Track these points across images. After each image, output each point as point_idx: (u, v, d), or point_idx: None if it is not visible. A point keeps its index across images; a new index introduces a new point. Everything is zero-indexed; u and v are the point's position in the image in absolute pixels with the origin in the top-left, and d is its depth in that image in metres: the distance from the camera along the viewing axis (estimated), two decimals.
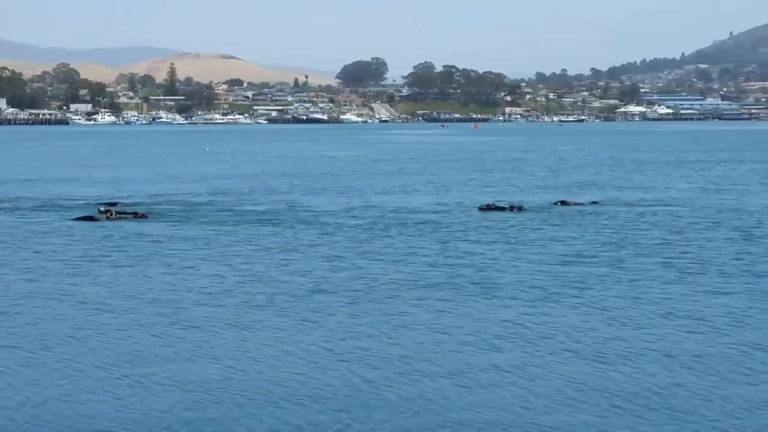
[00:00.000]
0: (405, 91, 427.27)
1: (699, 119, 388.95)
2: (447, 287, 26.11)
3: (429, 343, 20.25)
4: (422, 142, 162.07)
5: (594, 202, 49.00)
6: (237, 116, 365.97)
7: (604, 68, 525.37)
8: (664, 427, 15.24)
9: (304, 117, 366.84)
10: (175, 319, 22.65)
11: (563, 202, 48.07)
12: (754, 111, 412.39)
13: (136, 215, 43.39)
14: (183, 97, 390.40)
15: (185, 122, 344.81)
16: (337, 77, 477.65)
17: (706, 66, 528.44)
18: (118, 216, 43.02)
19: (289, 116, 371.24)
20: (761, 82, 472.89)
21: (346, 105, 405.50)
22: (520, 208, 44.85)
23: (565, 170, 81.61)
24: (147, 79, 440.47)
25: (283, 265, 30.20)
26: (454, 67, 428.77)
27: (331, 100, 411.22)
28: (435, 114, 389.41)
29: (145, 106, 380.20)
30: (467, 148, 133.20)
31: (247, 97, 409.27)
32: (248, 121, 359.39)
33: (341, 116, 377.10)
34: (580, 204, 47.94)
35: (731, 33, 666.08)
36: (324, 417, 15.66)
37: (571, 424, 15.31)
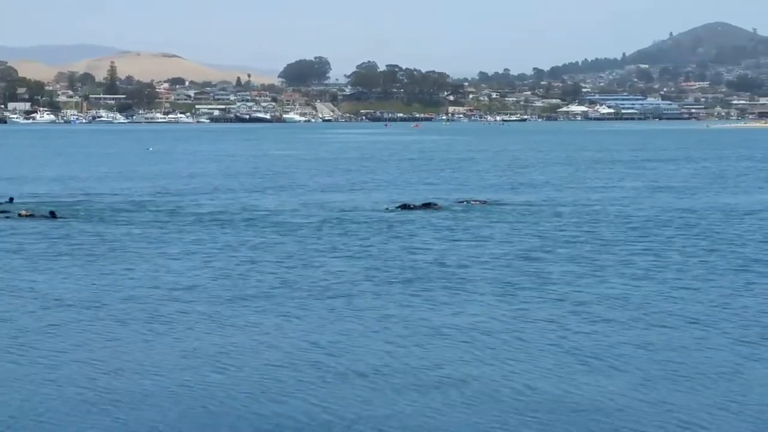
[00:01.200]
0: (348, 90, 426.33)
1: (640, 119, 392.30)
2: (370, 285, 26.44)
3: (350, 342, 20.22)
4: (369, 141, 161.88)
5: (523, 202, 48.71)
6: (179, 115, 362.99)
7: (546, 68, 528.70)
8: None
9: (247, 116, 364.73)
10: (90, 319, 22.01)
11: (468, 201, 48.71)
12: (693, 111, 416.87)
13: (51, 215, 42.69)
14: (124, 96, 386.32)
15: (126, 121, 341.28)
16: (279, 76, 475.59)
17: (646, 66, 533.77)
18: (29, 214, 42.58)
19: (232, 115, 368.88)
20: (700, 82, 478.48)
21: (289, 104, 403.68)
22: (431, 206, 45.54)
23: (510, 170, 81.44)
24: (87, 78, 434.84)
25: (214, 266, 29.98)
26: (397, 66, 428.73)
27: (274, 100, 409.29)
28: (378, 113, 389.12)
29: (85, 104, 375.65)
30: (415, 147, 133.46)
31: (189, 96, 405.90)
32: (190, 120, 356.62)
33: (284, 115, 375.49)
34: (482, 202, 48.61)
35: (671, 33, 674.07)
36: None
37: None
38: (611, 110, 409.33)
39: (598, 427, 15.18)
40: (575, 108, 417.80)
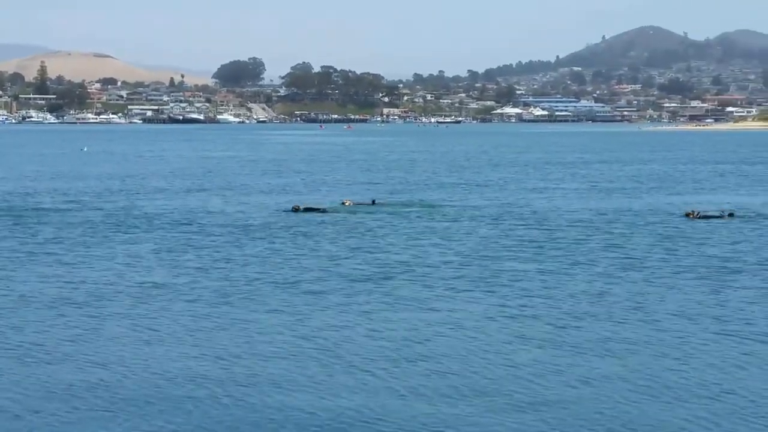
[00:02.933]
0: (283, 91, 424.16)
1: (573, 121, 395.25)
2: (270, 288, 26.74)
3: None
4: (310, 142, 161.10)
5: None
6: (111, 116, 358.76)
7: (480, 70, 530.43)
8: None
9: (180, 117, 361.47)
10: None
11: (373, 202, 49.41)
12: (626, 113, 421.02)
13: None
14: (54, 96, 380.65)
15: (57, 122, 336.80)
16: (213, 77, 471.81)
17: (580, 69, 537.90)
18: None
19: (165, 116, 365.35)
20: (632, 85, 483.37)
21: (223, 105, 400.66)
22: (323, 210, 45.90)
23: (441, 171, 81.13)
24: (16, 78, 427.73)
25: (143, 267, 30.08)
26: (332, 67, 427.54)
27: (208, 100, 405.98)
28: (313, 115, 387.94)
29: (14, 104, 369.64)
30: (359, 148, 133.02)
31: (122, 97, 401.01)
32: (122, 120, 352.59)
33: (218, 116, 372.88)
34: (365, 203, 49.04)
35: (604, 37, 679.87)
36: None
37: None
38: (545, 112, 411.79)
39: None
40: (509, 110, 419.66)
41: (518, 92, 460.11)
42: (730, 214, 42.58)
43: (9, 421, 15.70)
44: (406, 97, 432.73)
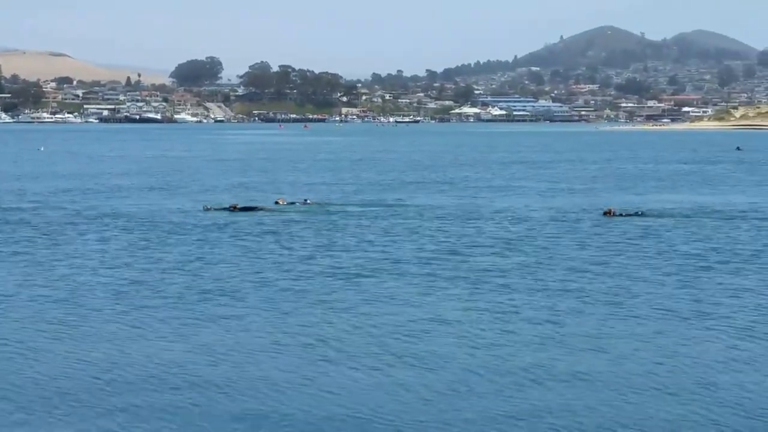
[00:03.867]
0: (241, 91, 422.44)
1: (531, 121, 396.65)
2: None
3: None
4: (271, 142, 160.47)
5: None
6: (67, 115, 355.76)
7: (439, 70, 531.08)
8: None
9: (137, 116, 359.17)
10: None
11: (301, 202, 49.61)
12: (583, 113, 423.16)
13: None
14: (9, 95, 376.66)
15: (11, 121, 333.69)
16: (171, 76, 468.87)
17: (538, 69, 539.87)
18: None
19: (122, 116, 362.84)
20: (590, 85, 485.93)
21: (180, 105, 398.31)
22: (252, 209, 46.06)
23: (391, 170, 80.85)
24: None
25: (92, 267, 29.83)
26: (290, 67, 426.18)
27: (165, 100, 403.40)
28: (271, 114, 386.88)
29: None
30: (325, 148, 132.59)
31: (78, 96, 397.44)
32: (78, 120, 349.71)
33: (175, 116, 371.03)
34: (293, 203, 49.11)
35: (562, 37, 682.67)
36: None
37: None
38: (503, 112, 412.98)
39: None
40: (468, 110, 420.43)
41: (476, 92, 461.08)
42: (641, 213, 43.72)
43: None
44: (364, 97, 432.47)
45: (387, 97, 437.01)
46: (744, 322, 22.09)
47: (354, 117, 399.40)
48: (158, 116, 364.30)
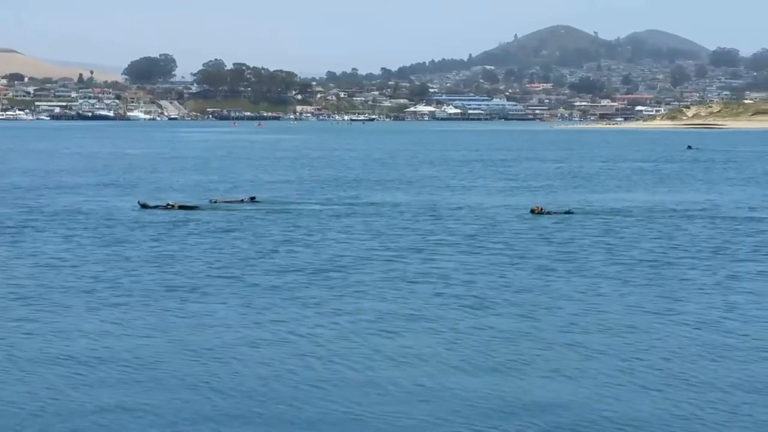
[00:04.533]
0: (195, 88, 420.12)
1: (486, 119, 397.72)
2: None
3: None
4: (227, 140, 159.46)
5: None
6: (18, 112, 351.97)
7: (394, 68, 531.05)
8: None
9: (90, 114, 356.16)
10: None
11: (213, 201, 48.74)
12: (537, 112, 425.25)
13: None
14: None
15: None
16: (123, 73, 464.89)
17: (492, 67, 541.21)
18: None
19: (74, 113, 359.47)
20: (544, 84, 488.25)
21: (133, 102, 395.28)
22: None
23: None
24: None
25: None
26: (244, 65, 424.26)
27: (118, 97, 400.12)
28: (226, 112, 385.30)
29: None
30: (280, 146, 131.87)
31: (29, 93, 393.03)
32: (30, 117, 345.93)
33: (128, 113, 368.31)
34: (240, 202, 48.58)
35: (516, 36, 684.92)
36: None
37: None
38: (458, 110, 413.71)
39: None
40: (423, 108, 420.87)
41: (431, 90, 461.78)
42: (569, 211, 43.68)
43: None
44: (319, 95, 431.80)
45: (342, 95, 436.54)
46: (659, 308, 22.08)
47: (309, 115, 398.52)
48: (111, 113, 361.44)
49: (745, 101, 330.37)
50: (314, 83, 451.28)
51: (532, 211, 43.19)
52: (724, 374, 17.49)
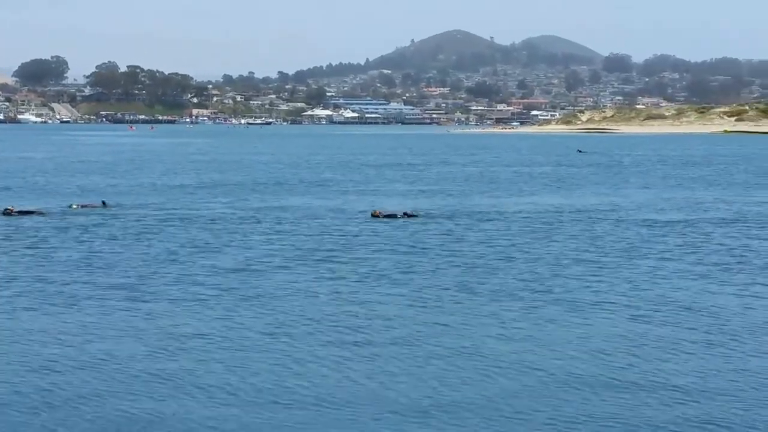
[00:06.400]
0: (88, 91, 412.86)
1: (383, 123, 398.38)
2: None
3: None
4: (128, 143, 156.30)
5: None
6: None
7: (291, 72, 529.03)
8: None
9: None
10: None
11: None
12: (435, 116, 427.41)
13: None
14: None
15: None
16: (14, 75, 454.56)
17: (389, 72, 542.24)
18: None
19: None
20: (441, 88, 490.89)
21: (24, 104, 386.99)
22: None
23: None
24: None
25: None
26: (138, 67, 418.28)
27: (8, 99, 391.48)
28: (120, 115, 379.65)
29: None
30: (182, 150, 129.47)
31: None
32: None
33: (19, 116, 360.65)
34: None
35: (413, 40, 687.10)
36: None
37: None
38: (356, 114, 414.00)
39: None
40: (320, 112, 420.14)
41: (329, 94, 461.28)
42: (408, 215, 43.50)
43: None
44: (215, 98, 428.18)
45: (239, 98, 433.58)
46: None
47: (205, 118, 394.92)
48: (0, 116, 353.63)
49: (637, 106, 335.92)
50: (210, 86, 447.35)
51: (373, 216, 42.90)
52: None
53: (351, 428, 14.60)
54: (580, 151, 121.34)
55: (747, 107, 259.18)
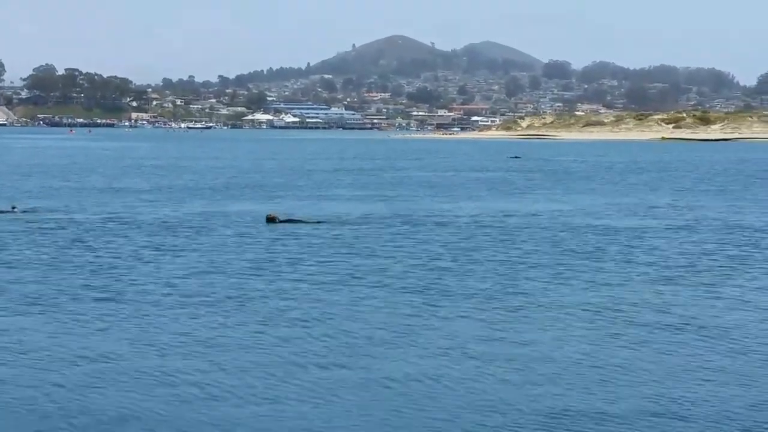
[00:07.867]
0: (24, 94, 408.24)
1: (324, 128, 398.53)
2: None
3: None
4: (68, 146, 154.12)
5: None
6: None
7: (231, 76, 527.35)
8: None
9: None
10: None
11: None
12: (376, 121, 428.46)
13: None
14: None
15: None
16: None
17: (330, 76, 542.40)
18: None
19: None
20: (382, 93, 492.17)
21: None
22: None
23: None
24: None
25: None
26: (77, 70, 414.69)
27: None
28: (57, 118, 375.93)
29: None
30: (131, 153, 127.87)
31: None
32: None
33: None
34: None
35: (354, 45, 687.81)
36: None
37: None
38: (296, 119, 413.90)
39: None
40: (261, 116, 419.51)
41: (269, 98, 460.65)
42: (302, 220, 42.22)
43: None
44: (155, 102, 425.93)
45: (178, 102, 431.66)
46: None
47: (144, 122, 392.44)
48: None
49: (577, 113, 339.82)
50: (150, 90, 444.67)
51: (268, 220, 41.28)
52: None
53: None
54: (516, 158, 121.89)
55: (684, 114, 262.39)
